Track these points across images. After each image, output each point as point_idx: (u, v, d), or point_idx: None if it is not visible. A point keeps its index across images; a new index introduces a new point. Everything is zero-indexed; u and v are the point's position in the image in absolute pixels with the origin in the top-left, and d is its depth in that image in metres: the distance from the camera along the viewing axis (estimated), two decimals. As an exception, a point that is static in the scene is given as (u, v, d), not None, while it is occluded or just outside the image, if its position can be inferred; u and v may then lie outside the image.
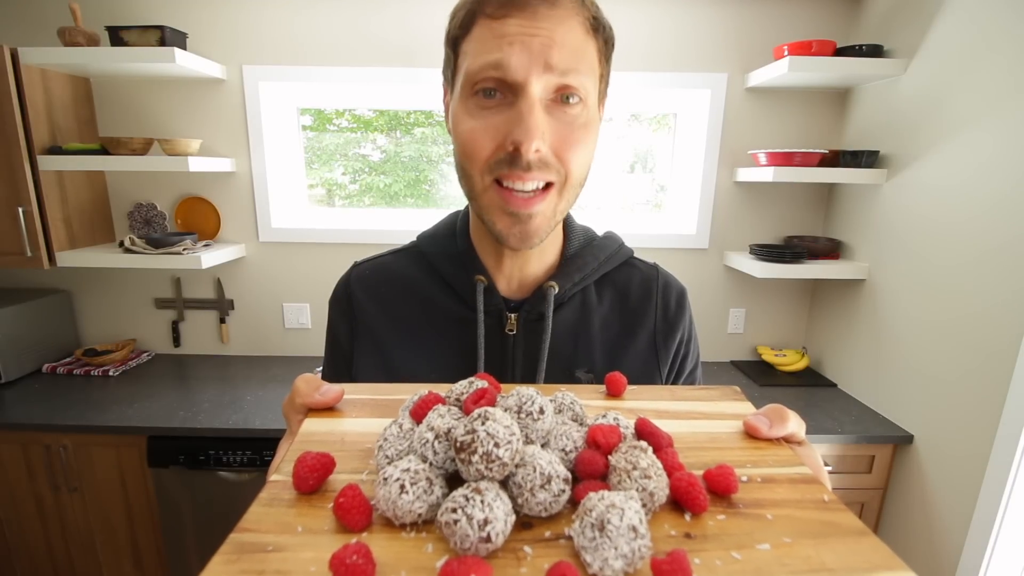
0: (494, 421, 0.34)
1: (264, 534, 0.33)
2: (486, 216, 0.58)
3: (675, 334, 0.70)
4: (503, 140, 0.53)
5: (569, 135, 0.54)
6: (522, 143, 0.51)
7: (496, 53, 0.51)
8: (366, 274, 0.73)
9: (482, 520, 0.30)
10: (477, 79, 0.53)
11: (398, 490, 0.33)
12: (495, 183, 0.56)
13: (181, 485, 1.67)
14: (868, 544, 0.32)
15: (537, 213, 0.56)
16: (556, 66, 0.51)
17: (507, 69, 0.51)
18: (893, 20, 1.75)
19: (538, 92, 0.52)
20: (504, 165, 0.54)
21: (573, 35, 0.52)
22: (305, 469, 0.37)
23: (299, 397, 0.49)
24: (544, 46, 0.51)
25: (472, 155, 0.55)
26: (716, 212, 2.10)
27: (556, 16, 0.51)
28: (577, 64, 0.53)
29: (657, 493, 0.34)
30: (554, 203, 0.57)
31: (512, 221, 0.56)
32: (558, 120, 0.54)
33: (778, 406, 0.46)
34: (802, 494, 0.37)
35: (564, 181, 0.56)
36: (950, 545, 1.50)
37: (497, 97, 0.53)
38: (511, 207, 0.55)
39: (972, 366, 1.44)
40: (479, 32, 0.53)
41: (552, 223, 0.59)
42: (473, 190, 0.58)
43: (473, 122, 0.54)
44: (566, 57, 0.52)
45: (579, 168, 0.56)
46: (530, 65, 0.51)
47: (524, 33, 0.51)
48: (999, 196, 1.37)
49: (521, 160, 0.52)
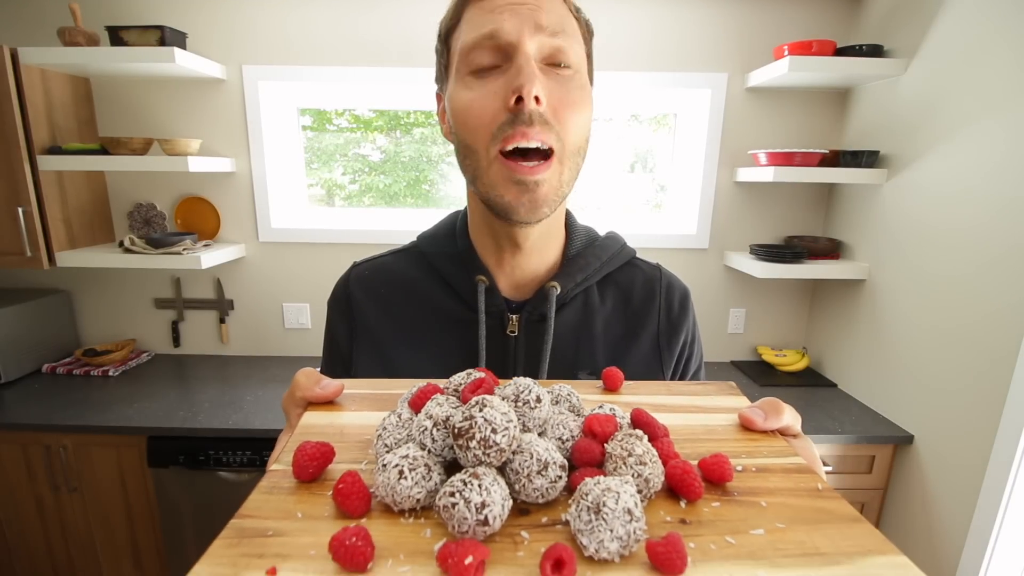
0: (491, 408, 0.34)
1: (264, 520, 0.33)
2: (493, 192, 0.57)
3: (679, 335, 0.70)
4: (503, 99, 0.53)
5: (565, 95, 0.55)
6: (523, 87, 0.51)
7: (488, 24, 0.54)
8: (365, 274, 0.72)
9: (479, 503, 0.30)
10: (472, 51, 0.55)
11: (397, 476, 0.33)
12: (500, 156, 0.55)
13: (181, 485, 1.67)
14: (861, 529, 0.33)
15: (543, 181, 0.55)
16: (546, 26, 0.53)
17: (500, 34, 0.53)
18: (893, 20, 1.76)
19: (532, 50, 0.53)
20: (507, 126, 0.53)
21: (558, 7, 0.56)
22: (305, 458, 0.37)
23: (299, 391, 0.49)
24: (532, 10, 0.53)
25: (474, 124, 0.55)
26: (716, 212, 2.11)
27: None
28: (565, 27, 0.55)
29: (652, 479, 0.34)
30: (558, 172, 0.56)
31: (520, 190, 0.55)
32: (553, 80, 0.55)
33: (773, 399, 0.46)
34: (796, 483, 0.38)
35: (563, 148, 0.56)
36: (950, 545, 1.49)
37: (490, 66, 0.55)
38: (518, 174, 0.54)
39: (972, 366, 1.44)
40: (469, 14, 0.56)
41: (559, 194, 0.58)
42: (479, 167, 0.57)
43: (471, 92, 0.55)
44: (554, 19, 0.54)
45: (575, 134, 0.56)
46: (521, 26, 0.53)
47: (511, 3, 0.54)
48: (999, 196, 1.37)
49: (523, 112, 0.52)
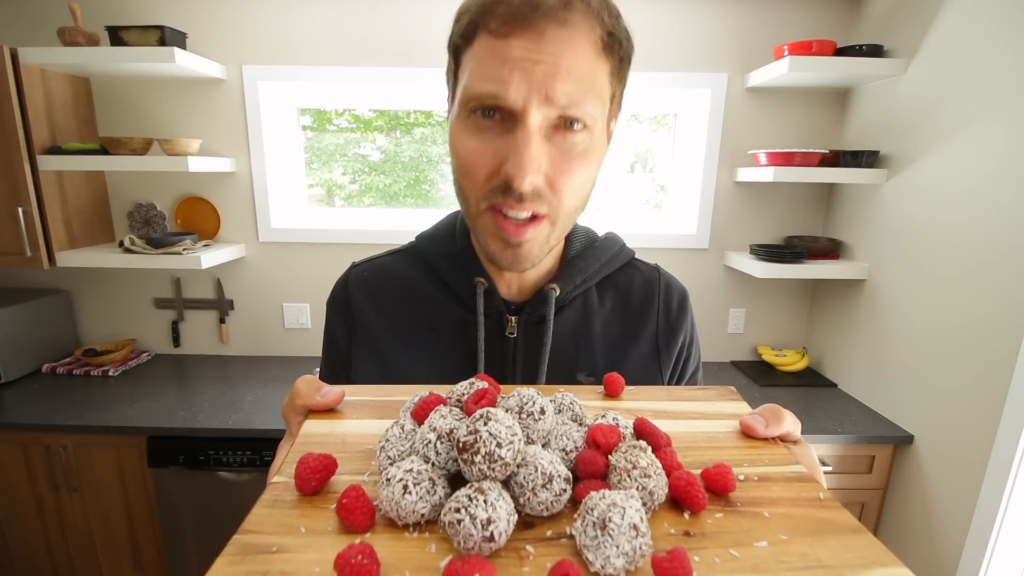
0: (496, 421, 0.34)
1: (268, 535, 0.33)
2: (480, 238, 0.58)
3: (677, 337, 0.70)
4: (498, 166, 0.51)
5: (566, 164, 0.52)
6: (514, 178, 0.50)
7: (495, 82, 0.49)
8: (364, 275, 0.72)
9: (485, 519, 0.30)
10: (474, 102, 0.51)
11: (401, 490, 0.33)
12: (490, 208, 0.54)
13: (181, 485, 1.67)
14: (863, 541, 0.33)
15: (528, 240, 0.55)
16: (558, 100, 0.48)
17: (504, 99, 0.49)
18: (893, 20, 1.75)
19: (537, 122, 0.50)
20: (498, 193, 0.52)
21: (581, 60, 0.49)
22: (307, 471, 0.37)
23: (299, 398, 0.49)
24: (547, 75, 0.48)
25: (469, 177, 0.54)
26: (716, 212, 2.11)
27: (565, 38, 0.48)
28: (582, 95, 0.50)
29: (657, 492, 0.35)
30: (546, 232, 0.56)
31: (504, 246, 0.56)
32: (556, 147, 0.52)
33: (774, 406, 0.46)
34: (798, 492, 0.38)
35: (556, 213, 0.55)
36: (950, 545, 1.50)
37: (495, 118, 0.51)
38: (503, 234, 0.54)
39: (972, 366, 1.44)
40: (480, 48, 0.50)
41: (545, 249, 0.58)
42: (469, 211, 0.57)
43: (471, 142, 0.53)
44: (570, 89, 0.49)
45: (571, 199, 0.55)
46: (529, 95, 0.48)
47: (527, 59, 0.47)
48: (1000, 196, 1.37)
49: (514, 192, 0.51)
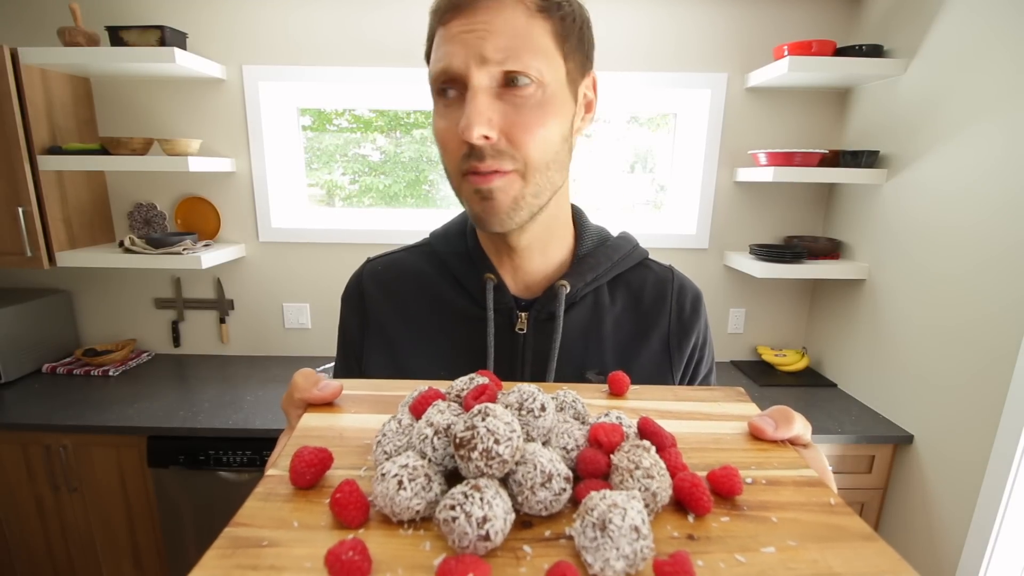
0: (494, 417, 0.34)
1: (259, 529, 0.32)
2: (465, 205, 0.61)
3: (689, 338, 0.69)
4: (462, 136, 0.54)
5: (519, 118, 0.54)
6: (464, 132, 0.52)
7: (443, 59, 0.54)
8: (379, 270, 0.73)
9: (481, 518, 0.29)
10: (435, 83, 0.56)
11: (396, 486, 0.32)
12: (465, 175, 0.57)
13: (181, 485, 1.67)
14: (875, 548, 0.32)
15: (497, 189, 0.56)
16: (492, 56, 0.52)
17: (449, 69, 0.53)
18: (893, 20, 1.75)
19: (483, 82, 0.53)
20: (467, 159, 0.55)
21: (513, 21, 0.53)
22: (302, 464, 0.36)
23: (297, 392, 0.49)
24: (479, 39, 0.52)
25: (446, 152, 0.58)
26: (716, 212, 2.10)
27: (492, 8, 0.53)
28: (517, 49, 0.53)
29: (660, 493, 0.34)
30: (518, 185, 0.56)
31: (479, 198, 0.57)
32: (508, 103, 0.54)
33: (783, 407, 0.46)
34: (807, 497, 0.37)
35: (524, 167, 0.56)
36: (950, 545, 1.49)
37: (453, 96, 0.55)
38: (475, 184, 0.56)
39: (972, 366, 1.44)
40: (436, 40, 0.56)
41: (524, 206, 0.58)
42: (453, 186, 0.60)
43: (441, 121, 0.57)
44: (504, 44, 0.52)
45: (537, 151, 0.55)
46: (467, 59, 0.52)
47: (463, 31, 0.53)
48: (1000, 196, 1.37)
49: (475, 151, 0.54)
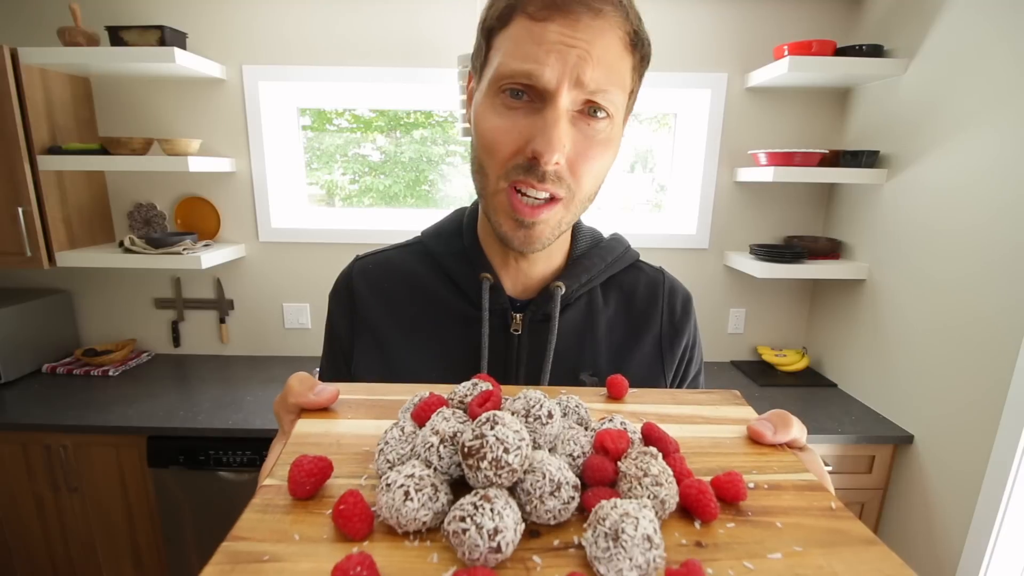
0: (503, 426, 0.33)
1: (259, 543, 0.31)
2: (493, 216, 0.59)
3: (681, 339, 0.70)
4: (524, 144, 0.53)
5: (587, 150, 0.54)
6: (543, 155, 0.51)
7: (531, 61, 0.50)
8: (368, 268, 0.71)
9: (492, 529, 0.29)
10: (506, 80, 0.52)
11: (402, 497, 0.31)
12: (508, 187, 0.55)
13: (181, 485, 1.67)
14: (878, 553, 0.32)
15: (541, 221, 0.56)
16: (587, 84, 0.50)
17: (538, 78, 0.50)
18: (893, 20, 1.75)
19: (566, 104, 0.51)
20: (520, 171, 0.54)
21: (611, 51, 0.51)
22: (302, 474, 0.35)
23: (292, 396, 0.47)
24: (580, 59, 0.49)
25: (492, 153, 0.55)
26: (716, 212, 2.10)
27: (597, 27, 0.50)
28: (608, 83, 0.51)
29: (668, 501, 0.34)
30: (560, 215, 0.57)
31: (517, 226, 0.57)
32: (580, 132, 0.53)
33: (781, 411, 0.46)
34: (809, 501, 0.37)
35: (573, 197, 0.56)
36: (950, 545, 1.50)
37: (523, 99, 0.53)
38: (518, 214, 0.55)
39: (972, 366, 1.44)
40: (516, 31, 0.51)
41: (556, 232, 0.59)
42: (486, 188, 0.57)
43: (498, 120, 0.54)
44: (599, 75, 0.50)
45: (589, 184, 0.56)
46: (562, 76, 0.50)
47: (562, 42, 0.49)
48: (999, 196, 1.37)
49: (538, 170, 0.52)
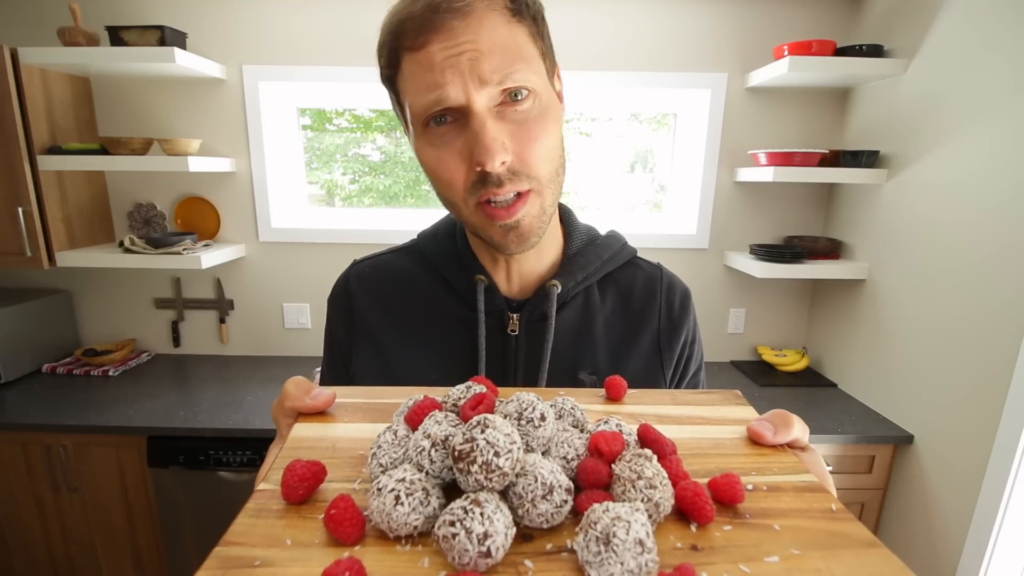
0: (494, 429, 0.33)
1: (251, 547, 0.31)
2: (482, 233, 0.59)
3: (679, 336, 0.69)
4: (469, 164, 0.53)
5: (525, 134, 0.53)
6: (485, 163, 0.51)
7: (433, 89, 0.50)
8: (366, 272, 0.71)
9: (482, 534, 0.29)
10: (422, 116, 0.53)
11: (393, 501, 0.31)
12: (477, 204, 0.56)
13: (181, 485, 1.67)
14: (878, 556, 0.31)
15: (523, 216, 0.56)
16: (490, 78, 0.50)
17: (446, 99, 0.50)
18: (893, 20, 1.75)
19: (484, 105, 0.51)
20: (479, 186, 0.54)
21: (497, 34, 0.50)
22: (295, 478, 0.35)
23: (288, 401, 0.47)
24: (472, 60, 0.49)
25: (448, 184, 0.55)
26: (716, 212, 2.10)
27: (473, 23, 0.49)
28: (511, 63, 0.51)
29: (663, 504, 0.33)
30: (537, 204, 0.57)
31: (504, 231, 0.57)
32: (511, 121, 0.53)
33: (782, 411, 0.45)
34: (809, 503, 0.36)
35: (539, 183, 0.56)
36: (950, 545, 1.50)
37: (448, 122, 0.53)
38: (498, 221, 0.56)
39: (972, 366, 1.44)
40: (408, 68, 0.52)
41: (543, 221, 0.59)
42: (461, 214, 0.58)
43: (436, 151, 0.54)
44: (497, 63, 0.50)
45: (544, 164, 0.55)
46: (465, 85, 0.49)
47: (449, 55, 0.49)
48: (1000, 196, 1.37)
49: (491, 177, 0.52)
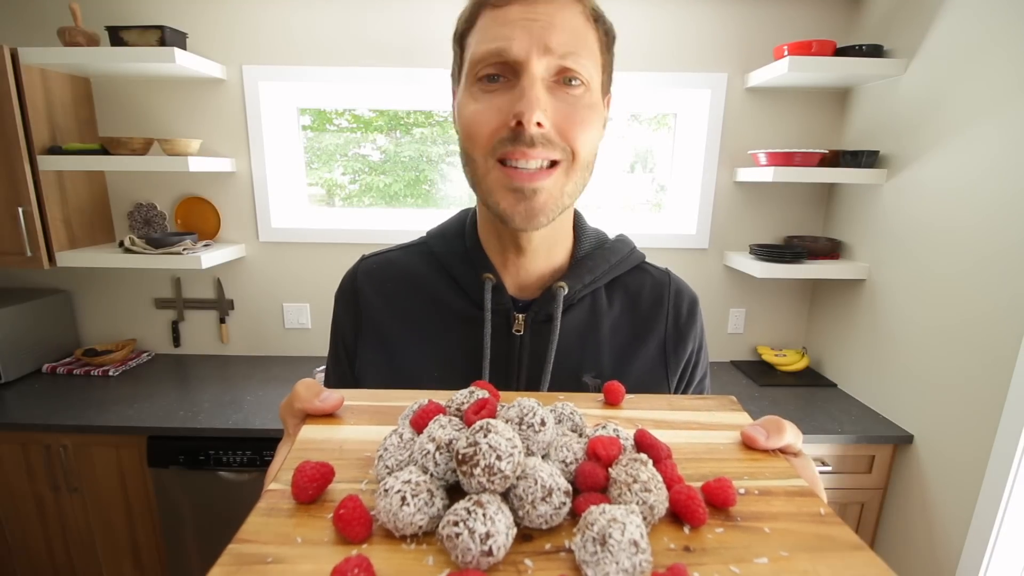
0: (496, 433, 0.34)
1: (263, 545, 0.33)
2: (490, 198, 0.57)
3: (686, 343, 0.69)
4: (506, 118, 0.53)
5: (573, 114, 0.54)
6: (523, 114, 0.51)
7: (498, 40, 0.53)
8: (373, 268, 0.72)
9: (484, 534, 0.30)
10: (480, 64, 0.54)
11: (399, 502, 0.33)
12: (498, 163, 0.55)
13: (181, 485, 1.67)
14: (864, 559, 0.33)
15: (542, 189, 0.55)
16: (555, 49, 0.52)
17: (507, 51, 0.52)
18: (893, 20, 1.75)
19: (539, 71, 0.53)
20: (507, 143, 0.54)
21: (573, 19, 0.54)
22: (304, 479, 0.36)
23: (298, 402, 0.48)
24: (543, 29, 0.52)
25: (475, 136, 0.55)
26: (716, 212, 2.10)
27: (556, 3, 0.53)
28: (577, 47, 0.53)
29: (657, 506, 0.34)
30: (561, 182, 0.56)
31: (517, 198, 0.55)
32: (561, 100, 0.54)
33: (775, 417, 0.46)
34: (799, 507, 0.38)
35: (571, 160, 0.56)
36: (950, 545, 1.50)
37: (500, 81, 0.54)
38: (515, 182, 0.54)
39: (972, 366, 1.44)
40: (483, 22, 0.55)
41: (559, 204, 0.57)
42: (476, 173, 0.57)
43: (476, 105, 0.55)
44: (565, 40, 0.53)
45: (584, 148, 0.56)
46: (530, 46, 0.52)
47: (525, 18, 0.52)
48: (999, 196, 1.37)
49: (524, 134, 0.52)
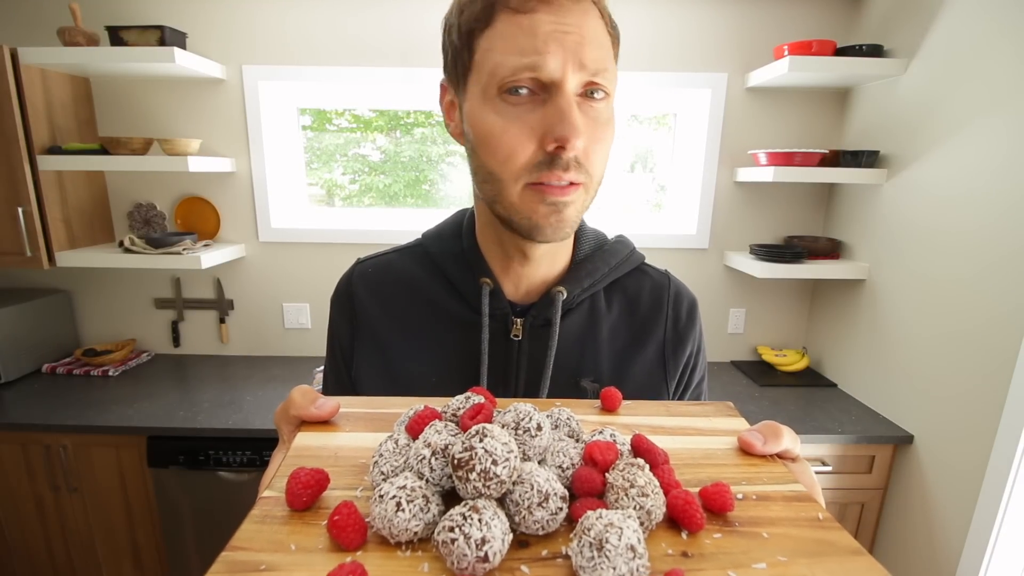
0: (492, 438, 0.34)
1: (257, 552, 0.32)
2: (517, 215, 0.55)
3: (685, 346, 0.68)
4: (541, 140, 0.51)
5: (594, 132, 0.53)
6: (568, 139, 0.49)
7: (532, 54, 0.49)
8: (369, 272, 0.71)
9: (480, 539, 0.30)
10: (507, 78, 0.50)
11: (394, 508, 0.33)
12: (528, 184, 0.53)
13: (181, 485, 1.67)
14: (862, 563, 0.32)
15: (571, 203, 0.54)
16: (589, 65, 0.50)
17: (542, 68, 0.49)
18: (893, 20, 1.75)
19: (573, 88, 0.51)
20: (544, 167, 0.52)
21: (598, 30, 0.52)
22: (299, 486, 0.36)
23: (294, 409, 0.48)
24: (577, 44, 0.50)
25: (506, 157, 0.52)
26: (716, 212, 2.10)
27: (580, 10, 0.50)
28: (604, 61, 0.52)
29: (654, 511, 0.34)
30: (582, 199, 0.56)
31: (550, 211, 0.54)
32: (586, 116, 0.52)
33: (772, 423, 0.46)
34: (797, 512, 0.37)
35: (590, 181, 0.55)
36: (950, 545, 1.50)
37: (525, 94, 0.51)
38: (551, 196, 0.53)
39: (972, 366, 1.44)
40: (504, 27, 0.50)
41: (578, 218, 0.57)
42: (502, 192, 0.55)
43: (503, 121, 0.52)
44: (597, 56, 0.51)
45: (600, 167, 0.55)
46: (565, 63, 0.49)
47: (557, 30, 0.49)
48: (1000, 196, 1.37)
49: (561, 160, 0.51)
